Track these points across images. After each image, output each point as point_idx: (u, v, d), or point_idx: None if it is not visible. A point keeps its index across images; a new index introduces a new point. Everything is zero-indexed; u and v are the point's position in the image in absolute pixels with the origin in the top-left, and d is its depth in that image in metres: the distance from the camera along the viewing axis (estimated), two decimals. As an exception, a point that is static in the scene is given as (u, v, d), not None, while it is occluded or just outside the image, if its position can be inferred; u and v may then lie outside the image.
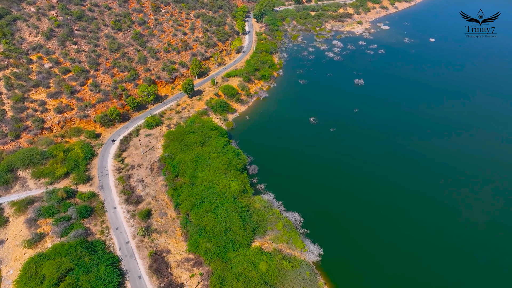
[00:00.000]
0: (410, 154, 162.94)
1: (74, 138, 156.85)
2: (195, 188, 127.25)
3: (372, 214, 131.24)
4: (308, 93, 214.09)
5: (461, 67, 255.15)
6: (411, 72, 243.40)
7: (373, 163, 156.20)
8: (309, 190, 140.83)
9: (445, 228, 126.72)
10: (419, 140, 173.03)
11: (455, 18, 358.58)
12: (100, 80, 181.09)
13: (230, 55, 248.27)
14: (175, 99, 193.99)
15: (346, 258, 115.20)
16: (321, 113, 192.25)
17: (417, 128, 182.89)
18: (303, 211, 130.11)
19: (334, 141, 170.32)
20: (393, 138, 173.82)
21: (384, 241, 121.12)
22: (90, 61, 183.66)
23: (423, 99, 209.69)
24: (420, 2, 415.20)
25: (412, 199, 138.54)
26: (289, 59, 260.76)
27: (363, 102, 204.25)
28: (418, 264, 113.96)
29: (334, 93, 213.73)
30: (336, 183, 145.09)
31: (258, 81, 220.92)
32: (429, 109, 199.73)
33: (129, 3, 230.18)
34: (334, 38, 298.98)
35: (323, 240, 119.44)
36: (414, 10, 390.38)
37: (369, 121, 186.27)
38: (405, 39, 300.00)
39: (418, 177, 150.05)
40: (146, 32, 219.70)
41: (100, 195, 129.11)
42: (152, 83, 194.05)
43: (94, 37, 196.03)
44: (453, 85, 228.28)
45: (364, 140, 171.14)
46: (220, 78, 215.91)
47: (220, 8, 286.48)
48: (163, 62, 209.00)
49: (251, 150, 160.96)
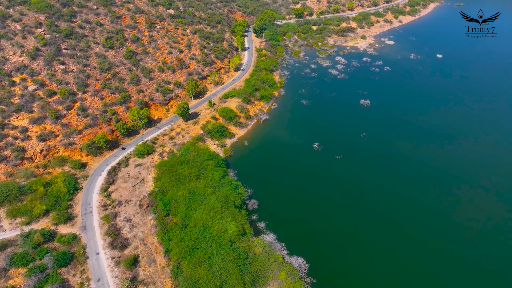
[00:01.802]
0: (426, 188, 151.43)
1: (57, 168, 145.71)
2: (187, 231, 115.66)
3: (389, 260, 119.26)
4: (311, 115, 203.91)
5: (476, 86, 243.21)
6: (420, 91, 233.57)
7: (385, 198, 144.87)
8: (315, 230, 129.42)
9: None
10: (435, 172, 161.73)
11: (461, 32, 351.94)
12: (88, 103, 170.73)
13: (229, 73, 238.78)
14: (169, 123, 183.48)
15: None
16: (326, 138, 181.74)
17: (432, 156, 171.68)
18: (308, 255, 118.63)
19: (341, 172, 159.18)
20: (404, 168, 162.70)
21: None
22: (78, 83, 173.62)
23: (435, 121, 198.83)
24: (424, 16, 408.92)
25: (438, 252, 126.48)
26: (290, 77, 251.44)
27: (370, 125, 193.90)
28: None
29: (338, 115, 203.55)
30: (344, 222, 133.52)
31: (258, 102, 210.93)
32: (441, 129, 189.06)
33: (122, 19, 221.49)
34: (337, 54, 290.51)
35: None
36: (419, 24, 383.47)
37: (377, 148, 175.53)
38: (411, 55, 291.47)
39: (438, 223, 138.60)
40: (140, 50, 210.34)
41: (82, 238, 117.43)
42: (145, 106, 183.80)
43: (84, 56, 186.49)
44: (469, 108, 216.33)
45: (373, 170, 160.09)
46: (218, 99, 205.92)
47: (218, 23, 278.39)
48: (157, 82, 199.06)
49: (251, 181, 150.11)
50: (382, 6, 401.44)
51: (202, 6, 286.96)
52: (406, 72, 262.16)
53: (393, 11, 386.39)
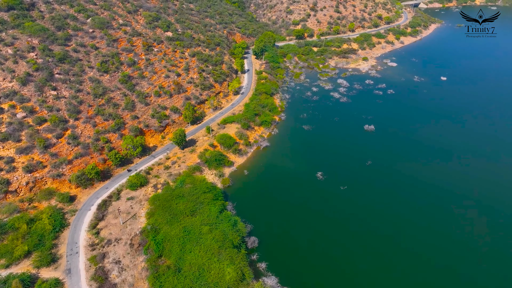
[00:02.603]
0: (442, 226, 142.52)
1: (44, 202, 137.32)
2: (181, 276, 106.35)
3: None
4: (313, 141, 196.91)
5: (482, 111, 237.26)
6: (426, 115, 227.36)
7: (398, 233, 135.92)
8: (321, 272, 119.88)
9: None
10: (447, 202, 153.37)
11: (464, 53, 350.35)
12: (80, 131, 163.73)
13: (228, 97, 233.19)
14: (165, 151, 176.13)
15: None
16: (329, 166, 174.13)
17: (442, 185, 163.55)
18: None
19: (347, 204, 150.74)
20: (415, 198, 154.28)
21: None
22: (70, 109, 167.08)
23: (443, 146, 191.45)
24: (426, 37, 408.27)
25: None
26: (291, 100, 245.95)
27: (375, 151, 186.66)
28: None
29: (342, 142, 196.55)
30: (355, 261, 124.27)
31: (258, 127, 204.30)
32: (450, 153, 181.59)
33: (119, 42, 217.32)
34: (339, 77, 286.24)
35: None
36: (421, 45, 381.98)
37: (384, 177, 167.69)
38: (415, 77, 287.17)
39: (460, 268, 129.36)
40: (136, 74, 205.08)
41: (66, 284, 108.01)
42: (140, 133, 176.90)
43: (77, 81, 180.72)
44: (476, 133, 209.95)
45: (381, 202, 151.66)
46: (216, 125, 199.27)
47: (217, 45, 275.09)
48: (153, 107, 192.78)
49: (251, 215, 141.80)
50: (383, 27, 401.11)
51: (201, 28, 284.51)
52: (411, 96, 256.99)
53: (394, 32, 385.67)
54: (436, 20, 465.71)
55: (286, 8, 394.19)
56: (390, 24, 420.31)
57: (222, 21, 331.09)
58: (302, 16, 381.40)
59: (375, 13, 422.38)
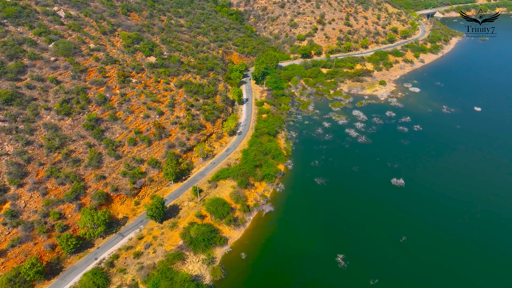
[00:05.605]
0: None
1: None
2: None
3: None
4: (329, 203, 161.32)
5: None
6: (465, 161, 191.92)
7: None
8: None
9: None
10: None
11: (497, 75, 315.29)
12: (23, 203, 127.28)
13: (222, 140, 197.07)
14: (138, 225, 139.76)
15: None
16: (352, 245, 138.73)
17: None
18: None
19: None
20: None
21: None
22: (13, 172, 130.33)
23: (498, 210, 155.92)
24: (448, 53, 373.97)
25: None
26: (299, 140, 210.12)
27: (411, 220, 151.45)
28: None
29: (366, 205, 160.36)
30: None
31: (259, 183, 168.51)
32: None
33: (87, 72, 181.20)
34: (354, 106, 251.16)
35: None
36: (443, 63, 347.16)
37: (428, 264, 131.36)
38: (444, 108, 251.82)
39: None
40: (107, 115, 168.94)
41: None
42: (106, 200, 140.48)
43: (27, 130, 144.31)
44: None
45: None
46: (207, 182, 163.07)
47: (210, 70, 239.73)
48: (125, 162, 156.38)
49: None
50: (399, 43, 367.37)
51: (191, 49, 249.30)
52: (443, 132, 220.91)
53: (413, 49, 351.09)
54: (457, 33, 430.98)
55: (290, 20, 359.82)
56: (406, 38, 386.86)
57: (217, 39, 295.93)
58: (308, 31, 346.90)
59: (390, 25, 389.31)
